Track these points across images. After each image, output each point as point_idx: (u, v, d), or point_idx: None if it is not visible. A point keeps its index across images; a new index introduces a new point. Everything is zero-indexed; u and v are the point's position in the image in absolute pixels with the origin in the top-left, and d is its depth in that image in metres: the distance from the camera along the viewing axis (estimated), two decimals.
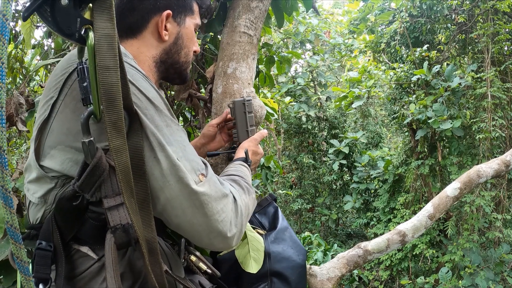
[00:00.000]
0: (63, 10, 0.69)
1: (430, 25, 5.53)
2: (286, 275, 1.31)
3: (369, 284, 6.04)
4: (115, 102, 0.73)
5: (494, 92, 4.70)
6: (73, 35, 0.72)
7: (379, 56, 6.44)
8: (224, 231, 0.90)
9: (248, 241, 1.32)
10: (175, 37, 1.17)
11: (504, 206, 5.02)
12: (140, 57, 1.11)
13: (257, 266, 1.28)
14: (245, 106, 1.48)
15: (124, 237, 0.81)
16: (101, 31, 0.71)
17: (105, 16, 0.71)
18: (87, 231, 0.86)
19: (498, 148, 4.94)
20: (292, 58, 3.03)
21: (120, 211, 0.81)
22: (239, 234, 0.95)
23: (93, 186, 0.81)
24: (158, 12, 1.11)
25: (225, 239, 0.91)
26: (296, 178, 8.54)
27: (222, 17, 1.90)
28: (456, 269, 4.97)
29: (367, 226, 6.87)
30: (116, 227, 0.80)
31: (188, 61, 1.23)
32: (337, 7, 10.33)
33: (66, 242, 0.87)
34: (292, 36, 7.10)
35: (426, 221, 1.88)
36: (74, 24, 0.71)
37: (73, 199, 0.83)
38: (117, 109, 0.74)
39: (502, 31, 4.80)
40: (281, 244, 1.36)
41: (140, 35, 1.12)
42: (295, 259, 1.34)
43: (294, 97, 7.67)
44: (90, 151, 0.78)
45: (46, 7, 0.68)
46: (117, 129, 0.74)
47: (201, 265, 1.14)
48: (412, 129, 5.61)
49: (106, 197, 0.81)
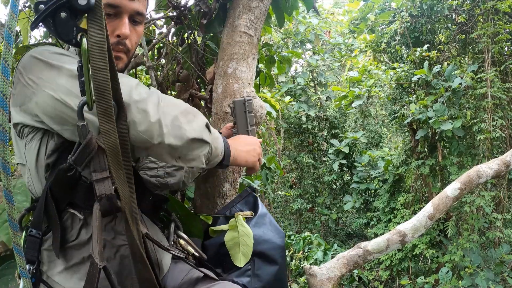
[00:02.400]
0: (63, 21, 0.87)
1: (431, 25, 5.53)
2: (268, 255, 1.41)
3: (369, 284, 6.04)
4: (105, 95, 0.88)
5: (494, 92, 4.70)
6: (70, 40, 0.88)
7: (379, 56, 6.44)
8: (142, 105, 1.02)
9: (239, 235, 1.40)
10: None
11: (504, 206, 5.02)
12: None
13: (245, 260, 1.38)
14: (245, 106, 1.48)
15: (108, 205, 0.97)
16: (93, 38, 0.87)
17: (97, 25, 0.87)
18: (80, 196, 1.04)
19: (498, 148, 4.94)
20: (292, 58, 3.03)
21: (105, 183, 0.97)
22: (155, 116, 1.03)
23: (84, 161, 0.98)
24: None
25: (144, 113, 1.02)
26: (296, 178, 8.54)
27: (222, 18, 1.90)
28: (456, 269, 4.97)
29: (367, 226, 6.87)
30: (101, 196, 0.96)
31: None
32: (337, 7, 10.32)
33: (61, 210, 1.05)
34: (292, 36, 7.10)
35: (426, 221, 1.88)
36: (72, 32, 0.88)
37: (68, 170, 1.01)
38: (107, 100, 0.89)
39: (503, 31, 4.79)
40: (262, 228, 1.46)
41: None
42: (275, 241, 1.44)
43: (294, 97, 7.67)
44: (83, 133, 0.95)
45: (49, 19, 0.86)
46: (107, 116, 0.89)
47: (189, 249, 1.27)
48: (413, 129, 5.61)
49: (94, 171, 0.97)
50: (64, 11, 0.86)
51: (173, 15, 2.05)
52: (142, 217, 1.15)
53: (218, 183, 1.63)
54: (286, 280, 1.46)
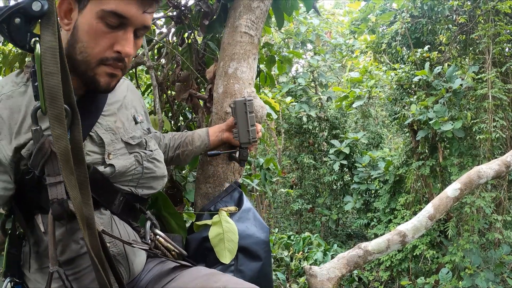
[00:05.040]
0: (16, 27, 0.88)
1: (431, 26, 5.52)
2: (251, 250, 1.40)
3: (369, 284, 6.03)
4: (57, 100, 0.89)
5: (495, 93, 4.70)
6: (24, 46, 0.89)
7: (380, 57, 6.44)
8: None
9: (223, 231, 1.40)
10: (73, 26, 1.02)
11: (504, 207, 5.02)
12: None
13: (231, 256, 1.37)
14: (246, 106, 1.49)
15: (59, 210, 0.97)
16: (45, 44, 0.87)
17: (49, 31, 0.87)
18: (44, 200, 1.01)
19: (499, 149, 4.94)
20: (293, 58, 3.03)
21: (58, 188, 0.98)
22: None
23: (39, 165, 0.99)
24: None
25: None
26: (296, 178, 8.53)
27: (223, 18, 1.90)
28: (456, 270, 4.97)
29: (367, 227, 6.87)
30: (53, 201, 0.97)
31: (87, 61, 1.01)
32: (338, 8, 10.32)
33: (31, 215, 1.07)
34: (293, 36, 7.10)
35: (427, 221, 1.88)
36: (25, 37, 0.89)
37: (27, 174, 1.03)
38: (58, 105, 0.89)
39: (503, 32, 4.79)
40: (245, 223, 1.46)
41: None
42: (259, 236, 1.44)
43: (295, 97, 7.66)
44: (36, 137, 0.98)
45: (4, 24, 0.87)
46: (58, 121, 0.89)
47: (169, 246, 1.26)
48: (413, 130, 5.60)
49: (48, 175, 0.98)
50: (18, 17, 0.87)
51: (173, 14, 2.05)
52: (113, 218, 1.15)
53: (219, 183, 1.63)
54: (270, 276, 1.46)
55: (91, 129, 1.10)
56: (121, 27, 1.01)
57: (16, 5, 0.87)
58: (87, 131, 1.08)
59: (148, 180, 1.22)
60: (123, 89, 1.26)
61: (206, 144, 1.56)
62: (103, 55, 1.01)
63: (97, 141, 1.10)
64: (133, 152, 1.18)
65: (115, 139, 1.14)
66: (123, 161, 1.14)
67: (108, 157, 1.11)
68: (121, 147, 1.15)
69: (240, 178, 1.70)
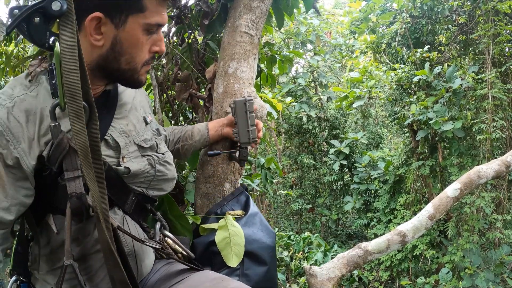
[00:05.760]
0: (36, 26, 0.90)
1: (431, 26, 5.52)
2: (257, 255, 1.40)
3: (369, 284, 6.03)
4: (76, 96, 0.91)
5: (495, 93, 4.70)
6: (43, 45, 0.92)
7: (380, 57, 6.44)
8: None
9: (230, 235, 1.40)
10: (111, 42, 1.03)
11: (504, 207, 5.02)
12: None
13: (238, 260, 1.37)
14: (246, 106, 1.49)
15: (78, 203, 0.99)
16: (64, 42, 0.90)
17: (68, 30, 0.90)
18: (59, 199, 1.04)
19: (499, 149, 4.94)
20: (294, 58, 3.02)
21: (76, 182, 0.99)
22: None
23: (57, 161, 1.00)
24: (89, 13, 0.99)
25: None
26: (296, 178, 8.53)
27: (223, 18, 1.90)
28: (456, 270, 4.97)
29: (367, 227, 6.87)
30: (72, 195, 0.99)
31: (134, 68, 1.09)
32: (338, 8, 10.32)
33: (42, 216, 1.08)
34: (293, 37, 7.09)
35: (426, 221, 1.88)
36: (44, 36, 0.92)
37: (43, 170, 1.03)
38: (78, 101, 0.92)
39: (503, 32, 4.79)
40: (252, 228, 1.46)
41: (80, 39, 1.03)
42: (265, 241, 1.44)
43: (295, 98, 7.66)
44: (55, 133, 0.99)
45: (23, 24, 0.90)
46: (78, 116, 0.92)
47: (177, 248, 1.27)
48: (413, 130, 5.60)
49: (67, 170, 1.00)
50: (38, 16, 0.89)
51: (173, 14, 2.05)
52: (125, 218, 1.16)
53: (219, 183, 1.63)
54: (275, 281, 1.46)
55: (106, 131, 1.12)
56: (156, 31, 1.10)
57: (35, 5, 0.89)
58: (102, 132, 1.10)
59: (159, 182, 1.24)
60: (131, 90, 1.27)
61: (205, 138, 1.56)
62: (146, 58, 1.10)
63: (112, 144, 1.12)
64: (145, 155, 1.19)
65: (128, 142, 1.16)
66: (136, 164, 1.15)
67: (123, 160, 1.13)
68: (134, 150, 1.17)
69: (240, 178, 1.70)
